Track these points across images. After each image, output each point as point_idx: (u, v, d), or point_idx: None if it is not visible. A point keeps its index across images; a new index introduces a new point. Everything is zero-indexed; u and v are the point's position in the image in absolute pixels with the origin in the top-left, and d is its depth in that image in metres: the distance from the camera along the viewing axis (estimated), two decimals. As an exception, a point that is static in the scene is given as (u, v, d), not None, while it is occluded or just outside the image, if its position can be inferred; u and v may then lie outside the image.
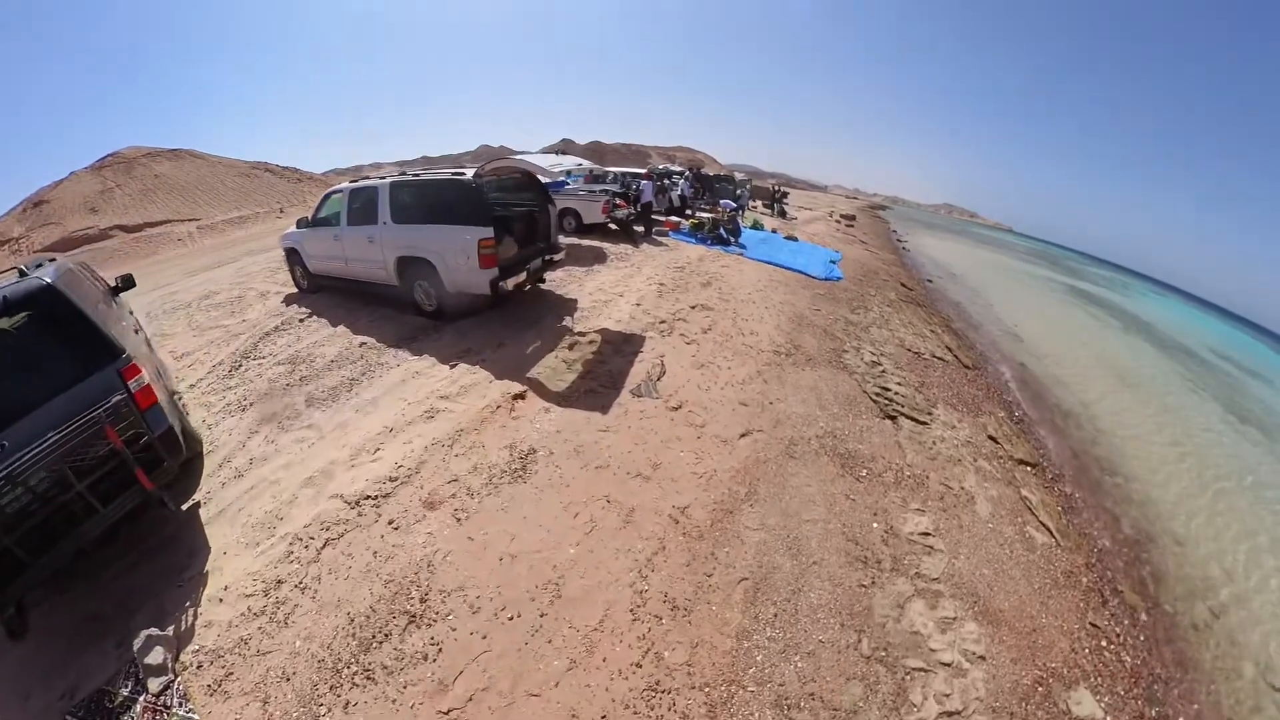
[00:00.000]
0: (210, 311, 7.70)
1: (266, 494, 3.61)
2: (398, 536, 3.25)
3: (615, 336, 6.10)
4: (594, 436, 4.31)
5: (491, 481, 3.75)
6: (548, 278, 8.03)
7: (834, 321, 7.88)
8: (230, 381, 5.28)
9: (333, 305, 7.19)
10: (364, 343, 5.86)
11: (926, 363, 7.59)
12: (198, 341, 6.49)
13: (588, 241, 10.97)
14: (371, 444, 4.08)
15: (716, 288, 8.37)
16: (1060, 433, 7.63)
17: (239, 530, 3.33)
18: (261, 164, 52.27)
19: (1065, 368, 10.76)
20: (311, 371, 5.29)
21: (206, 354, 6.01)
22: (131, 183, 43.51)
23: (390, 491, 3.57)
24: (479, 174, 5.83)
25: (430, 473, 3.77)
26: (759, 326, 6.90)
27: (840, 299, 9.49)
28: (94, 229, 34.30)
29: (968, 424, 6.01)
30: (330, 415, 4.53)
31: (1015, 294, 19.86)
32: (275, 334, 6.37)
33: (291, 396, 4.86)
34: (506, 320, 6.52)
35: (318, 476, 3.73)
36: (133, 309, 5.92)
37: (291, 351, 5.78)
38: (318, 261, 7.43)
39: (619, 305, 7.12)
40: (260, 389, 5.04)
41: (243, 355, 5.83)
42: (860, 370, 6.31)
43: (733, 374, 5.51)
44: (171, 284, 10.98)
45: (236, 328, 6.80)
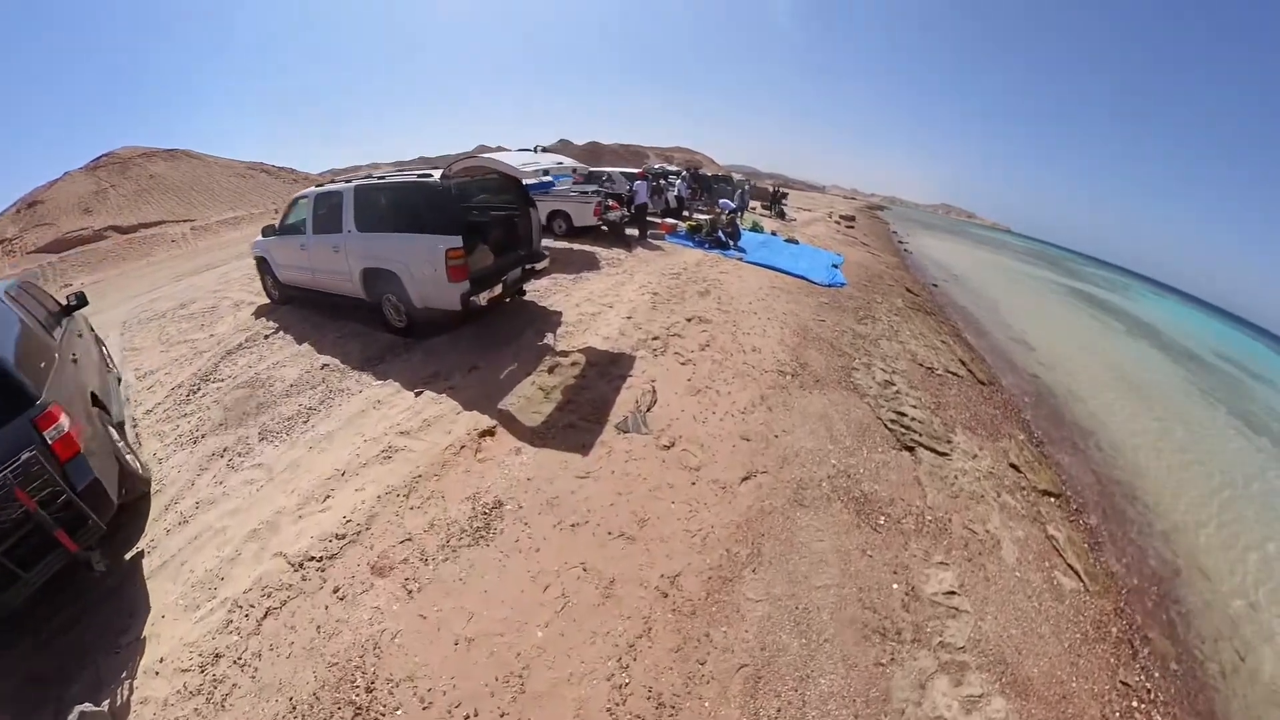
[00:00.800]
0: (182, 323, 7.27)
1: (211, 545, 3.23)
2: (343, 609, 2.79)
3: (601, 357, 5.47)
4: (571, 485, 3.70)
5: (449, 543, 3.18)
6: (531, 287, 7.45)
7: (841, 334, 7.28)
8: (187, 408, 4.85)
9: (301, 319, 6.69)
10: (326, 364, 5.34)
11: (941, 379, 7.01)
12: (164, 358, 6.08)
13: (578, 245, 10.35)
14: (321, 490, 3.59)
15: (715, 296, 7.77)
16: (1080, 453, 7.16)
17: (180, 588, 2.98)
18: (257, 164, 51.64)
19: (1077, 379, 10.26)
20: (269, 398, 4.84)
21: (168, 374, 5.60)
22: (126, 183, 42.85)
23: (337, 552, 3.08)
24: (447, 175, 5.19)
25: (381, 530, 3.25)
26: (761, 341, 6.29)
27: (846, 307, 8.89)
28: (88, 230, 33.68)
29: (989, 451, 5.47)
30: (283, 452, 4.05)
31: (1020, 297, 19.34)
32: (239, 352, 5.91)
33: (246, 428, 4.41)
34: (482, 337, 5.92)
35: (263, 529, 3.30)
36: (93, 325, 5.48)
37: (252, 374, 5.33)
38: (286, 271, 6.87)
39: (608, 318, 6.50)
40: (215, 418, 4.60)
41: (202, 378, 5.39)
42: (873, 392, 5.72)
43: (733, 400, 4.90)
44: (157, 289, 10.82)
45: (203, 344, 6.37)
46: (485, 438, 4.16)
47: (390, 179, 5.78)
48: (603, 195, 11.36)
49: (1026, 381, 9.12)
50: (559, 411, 4.49)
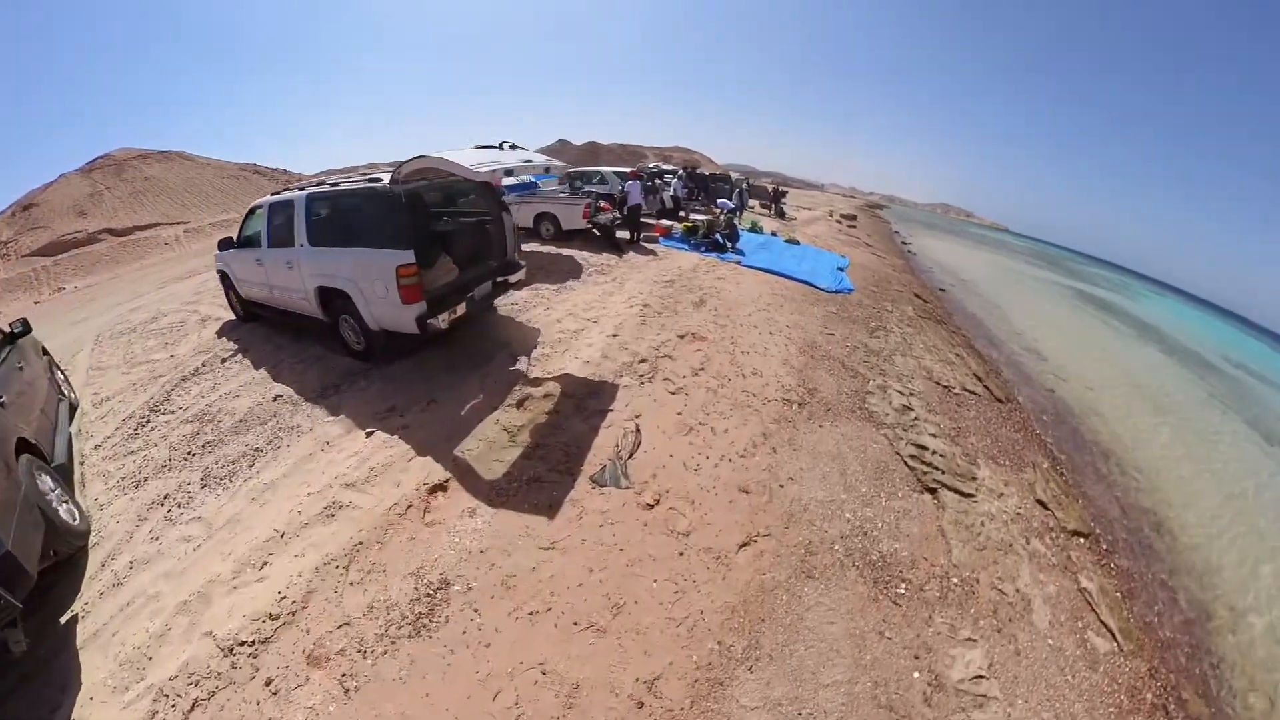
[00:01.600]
0: (148, 340, 6.85)
1: (143, 614, 2.88)
2: (275, 706, 2.37)
3: (579, 386, 4.77)
4: (531, 559, 3.02)
5: (389, 633, 2.62)
6: (508, 300, 6.75)
7: (852, 350, 6.56)
8: (134, 444, 4.43)
9: (263, 339, 6.16)
10: (279, 395, 4.80)
11: (959, 399, 6.32)
12: (123, 381, 5.65)
13: (566, 251, 9.62)
14: (259, 555, 3.12)
15: (711, 307, 7.05)
16: (1104, 479, 6.56)
17: (110, 664, 2.64)
18: (251, 166, 50.96)
19: (1094, 391, 9.63)
20: (217, 435, 4.35)
21: (123, 401, 5.19)
22: (121, 185, 42.08)
23: (270, 635, 2.65)
24: (397, 178, 4.47)
25: (318, 610, 2.76)
26: (764, 362, 5.57)
27: (855, 317, 8.17)
28: (82, 232, 33.03)
29: (1014, 487, 4.82)
30: (224, 504, 3.59)
31: (1027, 302, 18.65)
32: (194, 378, 5.43)
33: (189, 471, 3.96)
34: (448, 361, 5.24)
35: (194, 601, 2.89)
36: (47, 348, 5.19)
37: (203, 405, 4.85)
38: (245, 287, 6.26)
39: (590, 337, 5.78)
40: (159, 459, 4.15)
41: (153, 408, 4.94)
42: (890, 420, 5.01)
43: (731, 440, 4.18)
44: (140, 297, 10.39)
45: (162, 365, 5.92)
46: (436, 494, 3.48)
47: (341, 185, 5.07)
48: (594, 196, 10.64)
49: (1043, 397, 8.45)
50: (524, 459, 3.79)
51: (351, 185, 4.95)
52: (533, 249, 9.78)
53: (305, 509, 3.41)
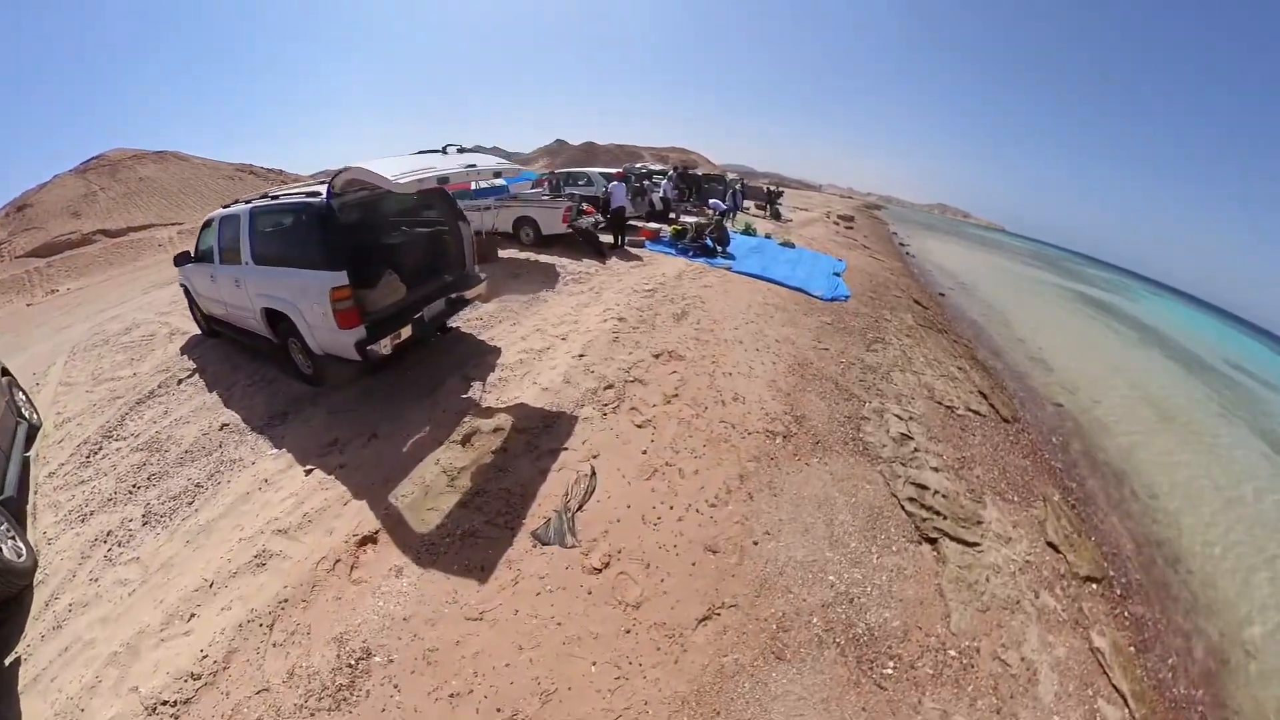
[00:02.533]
0: (117, 354, 6.58)
1: (79, 661, 2.75)
2: None
3: (534, 418, 4.22)
4: (457, 631, 2.56)
5: (307, 704, 2.35)
6: (473, 315, 6.20)
7: (847, 367, 5.99)
8: (85, 472, 4.23)
9: (221, 358, 5.83)
10: (226, 424, 4.51)
11: (963, 422, 5.77)
12: (85, 401, 5.41)
13: (545, 257, 9.04)
14: (187, 606, 2.93)
15: (694, 320, 6.48)
16: (1117, 507, 6.05)
17: (48, 711, 2.52)
18: (246, 166, 50.31)
19: (1102, 405, 9.08)
20: (163, 467, 4.11)
21: (80, 425, 4.96)
22: (116, 186, 41.53)
23: (192, 696, 2.46)
24: (333, 190, 3.99)
25: (239, 672, 2.54)
26: (747, 386, 5.00)
27: (851, 328, 7.60)
28: (76, 233, 32.48)
29: (1024, 528, 4.33)
30: (161, 544, 3.39)
31: (1029, 306, 18.07)
32: (149, 401, 5.16)
33: (133, 505, 3.74)
34: (397, 387, 4.78)
35: (123, 653, 2.73)
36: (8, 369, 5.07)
37: (153, 432, 4.58)
38: (204, 302, 5.99)
39: (555, 357, 5.22)
40: (106, 491, 3.92)
41: (106, 434, 4.70)
42: (887, 452, 4.45)
43: (701, 484, 3.62)
44: (124, 303, 10.02)
45: (124, 385, 5.63)
46: (365, 547, 3.05)
47: (281, 197, 4.66)
48: (576, 199, 10.06)
49: (1051, 414, 7.89)
50: (462, 508, 3.30)
51: (288, 198, 4.51)
52: (511, 255, 9.22)
53: (236, 556, 3.18)
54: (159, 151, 45.44)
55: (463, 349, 5.50)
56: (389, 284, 4.70)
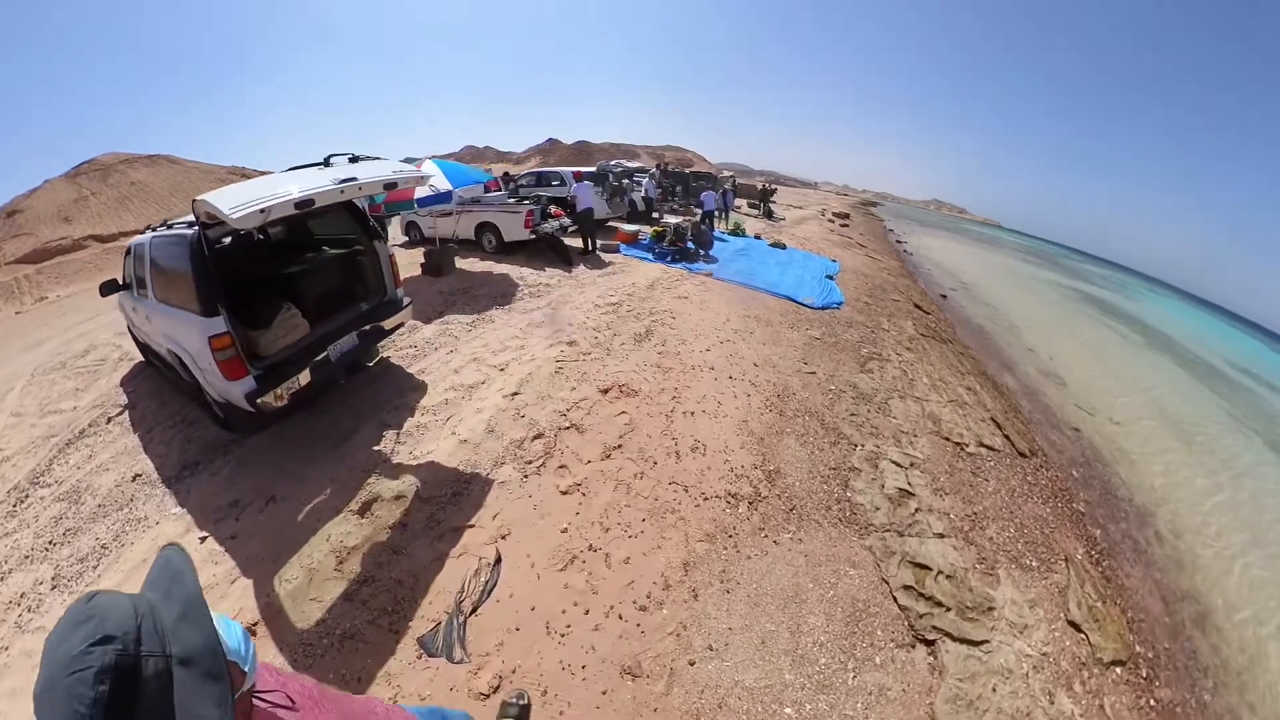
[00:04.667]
0: (69, 380, 5.97)
1: None
2: None
3: (443, 482, 3.34)
4: None
5: None
6: (409, 342, 5.27)
7: (837, 396, 5.02)
8: (10, 523, 3.78)
9: (150, 393, 5.21)
10: (139, 474, 3.97)
11: (974, 461, 4.81)
12: (28, 436, 4.84)
13: (504, 267, 8.07)
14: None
15: (658, 342, 5.51)
16: (1143, 555, 5.21)
17: None
18: (238, 169, 49.41)
19: (1120, 426, 8.20)
20: (77, 521, 3.64)
21: (15, 466, 4.45)
22: (107, 190, 40.64)
23: None
24: (197, 218, 3.26)
25: None
26: (711, 429, 4.03)
27: (844, 342, 6.63)
28: (67, 239, 31.64)
29: (1042, 605, 3.45)
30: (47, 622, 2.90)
31: (1034, 308, 17.04)
32: (80, 440, 4.61)
33: (46, 566, 3.32)
34: (307, 436, 3.99)
35: None
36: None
37: (75, 480, 4.08)
38: (136, 332, 5.37)
39: (486, 395, 4.27)
40: (25, 546, 3.51)
41: (34, 479, 4.20)
42: (880, 517, 3.50)
43: (632, 577, 2.67)
44: (96, 316, 9.28)
45: (63, 419, 5.05)
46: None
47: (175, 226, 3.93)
48: (541, 201, 9.08)
49: (1070, 441, 6.94)
50: (346, 600, 2.61)
51: (171, 230, 3.81)
52: (470, 265, 8.25)
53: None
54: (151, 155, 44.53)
55: (387, 386, 4.59)
56: (287, 321, 3.89)
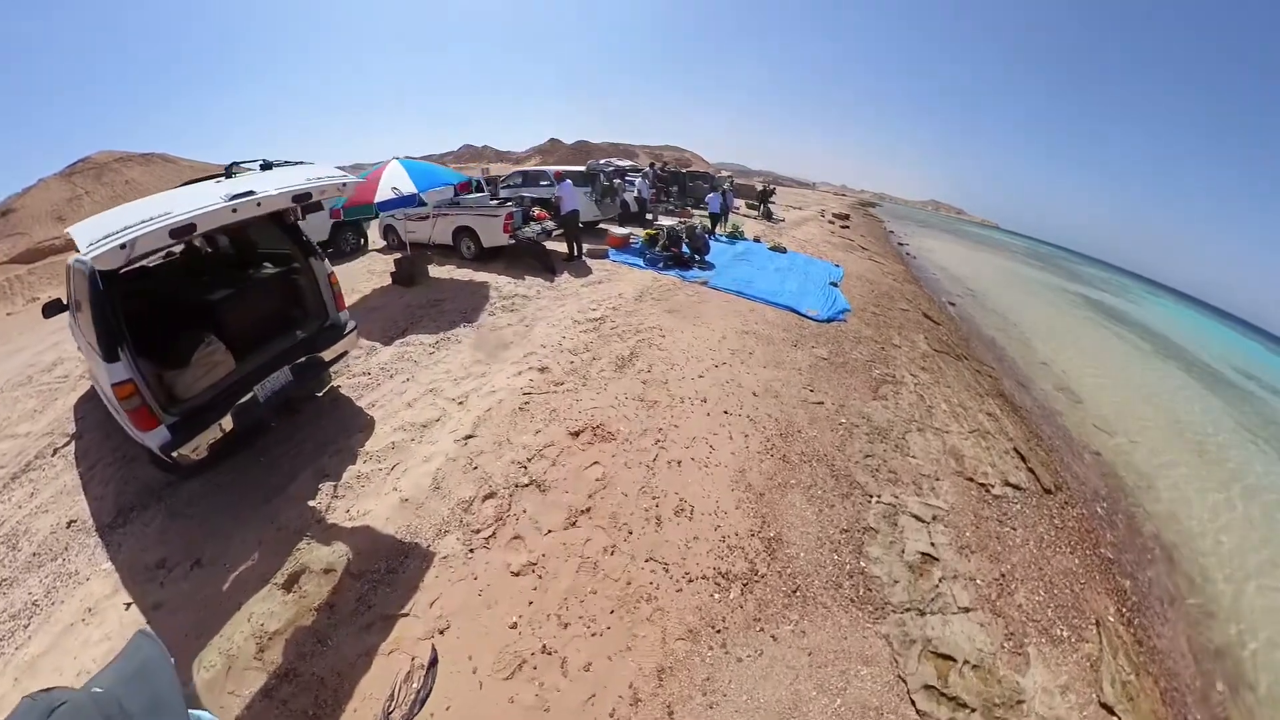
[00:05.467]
0: (31, 399, 5.47)
1: None
2: None
3: (378, 553, 2.81)
4: None
5: None
6: (357, 368, 4.66)
7: (848, 433, 4.39)
8: None
9: (98, 422, 4.68)
10: (74, 520, 3.53)
11: (1000, 506, 4.23)
12: None
13: (482, 275, 7.43)
14: None
15: (643, 367, 4.89)
16: (1173, 602, 4.80)
17: None
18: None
19: (1140, 446, 7.75)
20: (13, 571, 3.22)
21: None
22: (101, 189, 39.96)
23: None
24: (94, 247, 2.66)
25: None
26: (702, 484, 3.41)
27: (853, 362, 6.01)
28: (61, 239, 31.08)
29: (1074, 689, 2.92)
30: None
31: (1042, 317, 16.44)
32: (24, 475, 4.11)
33: None
34: (244, 483, 3.49)
35: None
36: None
37: (15, 520, 3.64)
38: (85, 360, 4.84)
39: (437, 438, 3.67)
40: None
41: None
42: (899, 594, 2.91)
43: (591, 693, 2.10)
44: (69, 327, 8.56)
45: (14, 448, 4.50)
46: None
47: None
48: (524, 203, 8.45)
49: (1091, 469, 6.39)
50: (265, 698, 2.22)
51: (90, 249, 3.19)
52: (446, 272, 7.63)
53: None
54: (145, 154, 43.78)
55: (332, 423, 3.99)
56: (207, 358, 3.32)
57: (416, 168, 6.23)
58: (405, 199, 5.74)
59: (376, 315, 6.17)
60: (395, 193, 5.73)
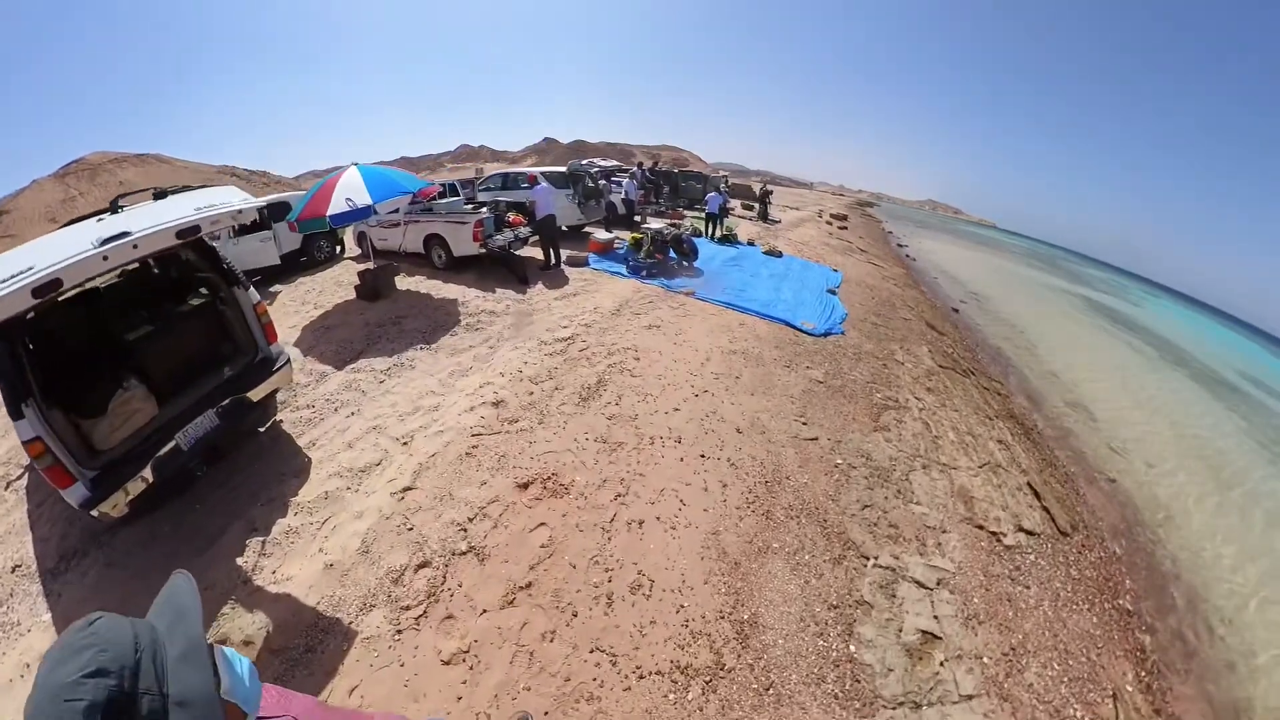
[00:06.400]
0: None
1: None
2: None
3: (299, 625, 2.47)
4: None
5: None
6: (303, 399, 4.17)
7: (844, 476, 3.86)
8: None
9: None
10: (18, 565, 3.30)
11: (1012, 559, 3.73)
12: None
13: (451, 287, 6.91)
14: None
15: (610, 399, 4.35)
16: (1194, 657, 4.24)
17: None
18: (228, 168, 48.22)
19: (1155, 469, 7.22)
20: None
21: None
22: (95, 190, 39.44)
23: None
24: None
25: None
26: (666, 549, 2.88)
27: (851, 384, 5.47)
28: None
29: None
30: None
31: (1047, 323, 15.87)
32: None
33: None
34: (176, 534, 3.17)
35: None
36: None
37: None
38: None
39: (370, 490, 3.20)
40: None
41: None
42: (891, 685, 2.40)
43: None
44: None
45: None
46: None
47: None
48: (500, 208, 7.93)
49: (1108, 499, 5.89)
50: None
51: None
52: (415, 284, 7.12)
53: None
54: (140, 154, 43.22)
55: (268, 465, 3.53)
56: (126, 405, 2.97)
57: (374, 175, 5.72)
58: (360, 211, 5.24)
59: (333, 335, 5.67)
60: (350, 204, 5.24)
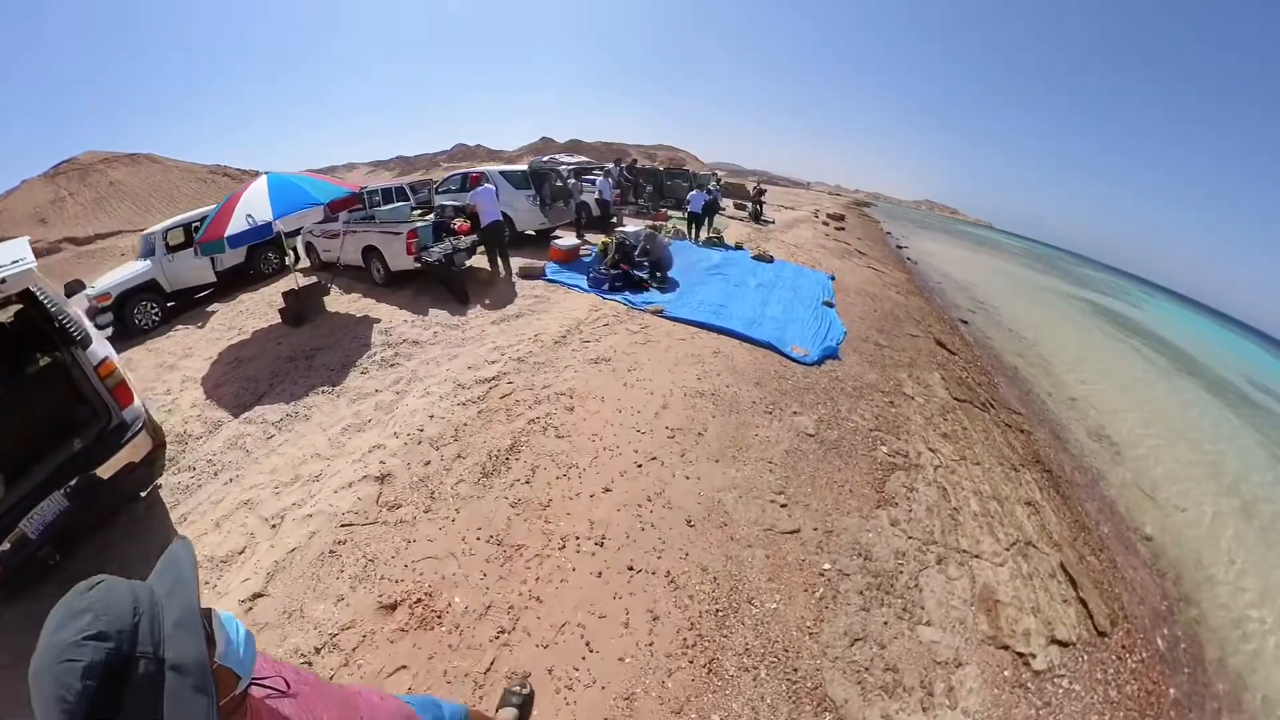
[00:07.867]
0: None
1: None
2: None
3: None
4: None
5: None
6: (184, 462, 3.29)
7: (830, 590, 2.82)
8: None
9: None
10: None
11: (1042, 692, 2.77)
12: None
13: (382, 307, 5.90)
14: None
15: (525, 468, 3.27)
16: None
17: None
18: (219, 168, 46.98)
19: (1187, 514, 6.25)
20: None
21: None
22: (86, 190, 38.26)
23: None
24: None
25: None
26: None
27: (850, 438, 4.31)
28: (43, 241, 29.78)
29: None
30: None
31: (1058, 333, 14.88)
32: None
33: None
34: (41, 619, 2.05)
35: None
36: None
37: None
38: None
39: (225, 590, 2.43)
40: None
41: None
42: None
43: None
44: None
45: None
46: None
47: None
48: (446, 213, 6.93)
49: (1146, 568, 4.92)
50: None
51: None
52: (347, 304, 6.15)
53: None
54: (132, 154, 41.98)
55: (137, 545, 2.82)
56: None
57: (282, 185, 4.77)
58: (259, 229, 4.32)
59: (241, 371, 4.72)
60: (250, 222, 4.33)
